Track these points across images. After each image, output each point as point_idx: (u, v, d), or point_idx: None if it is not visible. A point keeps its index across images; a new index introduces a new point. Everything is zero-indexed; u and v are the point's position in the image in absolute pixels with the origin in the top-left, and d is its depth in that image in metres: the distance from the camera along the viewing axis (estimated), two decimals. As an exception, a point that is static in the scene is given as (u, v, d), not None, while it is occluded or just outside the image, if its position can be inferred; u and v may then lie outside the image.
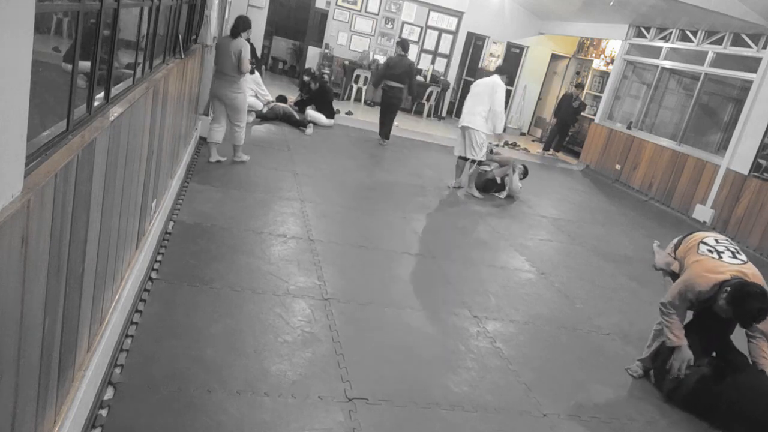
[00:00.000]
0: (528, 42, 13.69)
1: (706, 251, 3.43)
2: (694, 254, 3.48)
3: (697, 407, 3.39)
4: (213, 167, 6.05)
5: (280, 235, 4.64)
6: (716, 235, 3.65)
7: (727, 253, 3.39)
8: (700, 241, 3.55)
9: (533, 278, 5.04)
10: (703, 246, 3.49)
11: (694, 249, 3.53)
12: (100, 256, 2.28)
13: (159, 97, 3.35)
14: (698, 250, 3.48)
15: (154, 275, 3.52)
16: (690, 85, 10.03)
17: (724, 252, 3.40)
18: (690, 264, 3.43)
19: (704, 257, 3.40)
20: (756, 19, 7.80)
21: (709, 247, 3.46)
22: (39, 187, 1.44)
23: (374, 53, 13.06)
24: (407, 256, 4.86)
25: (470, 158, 7.16)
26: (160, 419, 2.40)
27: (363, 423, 2.67)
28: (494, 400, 3.11)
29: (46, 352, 1.71)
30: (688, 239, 3.71)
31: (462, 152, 7.23)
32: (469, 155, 7.13)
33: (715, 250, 3.42)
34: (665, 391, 3.52)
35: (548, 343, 3.92)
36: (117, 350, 2.71)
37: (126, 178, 2.62)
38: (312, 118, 9.42)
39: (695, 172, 8.84)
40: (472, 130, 7.04)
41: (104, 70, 2.22)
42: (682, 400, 3.43)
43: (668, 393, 3.50)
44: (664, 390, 3.53)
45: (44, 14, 1.61)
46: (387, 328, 3.61)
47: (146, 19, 2.92)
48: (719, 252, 3.40)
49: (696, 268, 3.35)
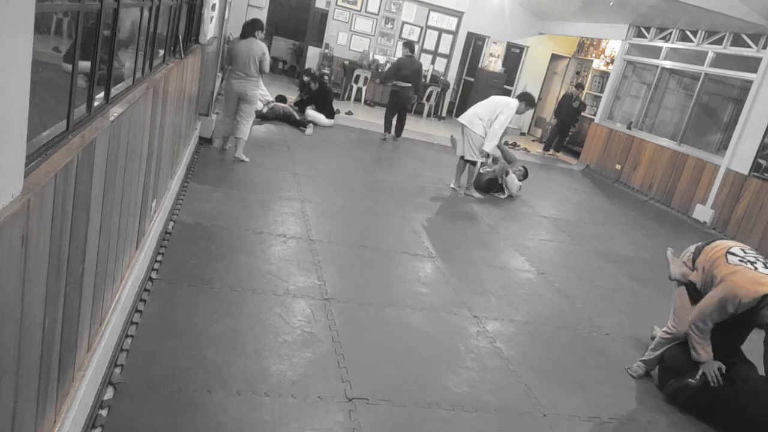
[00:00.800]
0: (528, 42, 13.69)
1: (738, 261, 3.31)
2: (725, 265, 3.33)
3: (698, 410, 3.38)
4: (213, 167, 6.05)
5: (280, 235, 4.64)
6: (741, 245, 3.52)
7: (758, 263, 3.30)
8: (727, 252, 3.41)
9: (533, 278, 5.04)
10: (733, 257, 3.36)
11: (722, 260, 3.38)
12: (100, 256, 2.28)
13: (159, 97, 3.35)
14: (728, 260, 3.35)
15: (154, 275, 3.52)
16: (690, 85, 10.03)
17: (756, 262, 3.29)
18: (726, 275, 3.27)
19: (741, 268, 3.26)
20: (756, 19, 7.80)
21: (740, 258, 3.34)
22: (39, 187, 1.44)
23: (374, 53, 13.06)
24: (407, 256, 4.86)
25: (467, 158, 7.17)
26: (160, 419, 2.40)
27: (363, 423, 2.67)
28: (494, 400, 3.11)
29: (46, 352, 1.71)
30: (708, 249, 3.57)
31: (462, 152, 7.24)
32: (468, 156, 7.13)
33: (748, 261, 3.31)
34: (668, 393, 3.51)
35: (548, 343, 3.92)
36: (117, 350, 2.71)
37: (126, 178, 2.62)
38: (312, 118, 9.42)
39: (695, 172, 8.84)
40: (468, 130, 7.06)
41: (104, 70, 2.22)
42: (684, 402, 3.41)
43: (671, 395, 3.49)
44: (667, 392, 3.52)
45: (44, 14, 1.61)
46: (387, 328, 3.61)
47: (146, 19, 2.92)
48: (752, 263, 3.29)
49: (737, 279, 3.21)
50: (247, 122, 6.46)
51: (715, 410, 3.32)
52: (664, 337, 3.69)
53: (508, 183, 7.62)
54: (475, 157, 7.10)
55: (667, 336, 3.67)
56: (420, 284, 4.36)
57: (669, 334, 3.66)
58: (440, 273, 4.67)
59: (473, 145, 7.05)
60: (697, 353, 3.37)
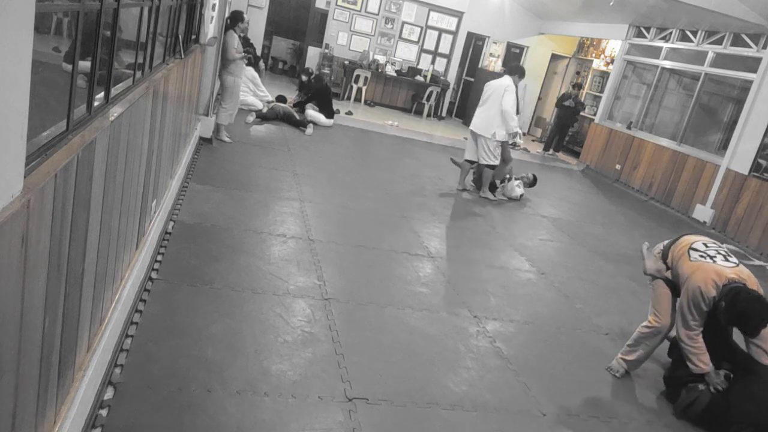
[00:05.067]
0: (528, 42, 13.69)
1: (699, 257, 3.34)
2: (688, 262, 3.36)
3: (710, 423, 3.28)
4: (213, 167, 6.05)
5: (280, 235, 4.64)
6: (704, 239, 3.54)
7: (718, 256, 3.33)
8: (689, 248, 3.44)
9: (533, 278, 5.04)
10: (694, 252, 3.39)
11: (684, 257, 3.41)
12: (100, 256, 2.28)
13: (159, 97, 3.35)
14: (690, 257, 3.37)
15: (154, 275, 3.52)
16: (690, 85, 10.02)
17: (716, 256, 3.33)
18: (689, 274, 3.31)
19: (701, 263, 3.30)
20: (756, 19, 7.80)
21: (700, 253, 3.37)
22: (39, 187, 1.44)
23: (374, 53, 13.06)
24: (407, 256, 4.86)
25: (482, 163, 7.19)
26: (160, 419, 2.40)
27: (363, 423, 2.67)
28: (494, 399, 3.11)
29: (46, 352, 1.72)
30: (675, 247, 3.59)
31: (471, 156, 7.30)
32: (482, 160, 7.15)
33: (708, 255, 3.34)
34: (680, 409, 3.37)
35: (548, 343, 3.92)
36: (117, 350, 2.71)
37: (126, 178, 2.62)
38: (312, 118, 9.42)
39: (695, 172, 8.84)
40: (480, 136, 7.08)
41: (104, 70, 2.22)
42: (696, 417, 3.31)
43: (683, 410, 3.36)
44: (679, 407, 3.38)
45: (44, 14, 1.61)
46: (387, 328, 3.61)
47: (146, 19, 2.92)
48: (712, 257, 3.33)
49: (699, 276, 3.24)
50: (223, 109, 6.99)
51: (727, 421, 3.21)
52: (644, 331, 3.60)
53: (507, 189, 7.61)
54: (491, 160, 7.11)
55: (647, 330, 3.58)
56: (420, 284, 4.36)
57: (649, 328, 3.57)
58: (440, 273, 4.67)
59: (485, 149, 7.08)
60: (694, 365, 3.31)
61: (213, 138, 6.95)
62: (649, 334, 3.58)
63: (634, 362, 3.66)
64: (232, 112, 7.11)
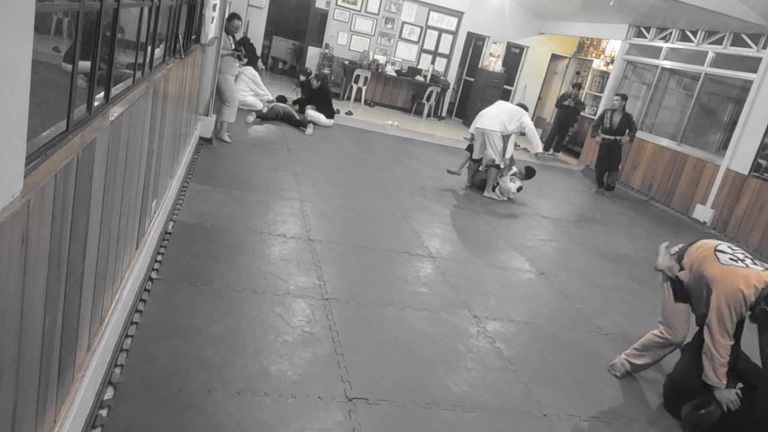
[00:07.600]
0: (528, 42, 13.69)
1: (729, 260, 3.23)
2: (717, 264, 3.24)
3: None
4: (213, 167, 6.05)
5: (280, 235, 4.64)
6: (726, 243, 3.43)
7: (747, 260, 3.24)
8: (715, 250, 3.32)
9: (533, 278, 5.04)
10: (723, 255, 3.28)
11: (711, 258, 3.29)
12: (100, 256, 2.28)
13: (159, 97, 3.35)
14: (719, 259, 3.25)
15: (154, 275, 3.52)
16: (690, 85, 10.02)
17: (745, 260, 3.24)
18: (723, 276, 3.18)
19: (733, 266, 3.18)
20: (756, 19, 7.80)
21: (729, 255, 3.27)
22: (39, 187, 1.44)
23: (374, 53, 13.06)
24: (407, 256, 4.86)
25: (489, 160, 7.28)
26: (160, 419, 2.40)
27: (363, 423, 2.67)
28: (494, 400, 3.11)
29: (46, 352, 1.71)
30: (694, 249, 3.47)
31: (479, 155, 7.39)
32: (489, 156, 7.26)
33: (738, 258, 3.24)
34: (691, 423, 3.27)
35: (548, 343, 3.92)
36: (117, 350, 2.71)
37: (126, 178, 2.62)
38: (312, 118, 9.42)
39: (695, 172, 8.84)
40: (488, 131, 7.17)
41: (104, 70, 2.22)
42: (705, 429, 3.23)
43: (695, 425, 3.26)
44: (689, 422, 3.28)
45: (44, 14, 1.61)
46: (387, 328, 3.61)
47: (146, 19, 2.92)
48: (741, 260, 3.23)
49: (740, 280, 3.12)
50: (226, 106, 7.11)
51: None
52: (655, 340, 3.53)
53: (501, 186, 7.61)
54: (498, 158, 7.22)
55: (659, 340, 3.51)
56: (420, 284, 4.36)
57: (661, 338, 3.50)
58: (440, 273, 4.66)
59: (493, 144, 7.18)
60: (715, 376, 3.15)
61: (213, 138, 7.00)
62: (660, 345, 3.52)
63: (639, 366, 3.63)
64: (233, 110, 7.19)
